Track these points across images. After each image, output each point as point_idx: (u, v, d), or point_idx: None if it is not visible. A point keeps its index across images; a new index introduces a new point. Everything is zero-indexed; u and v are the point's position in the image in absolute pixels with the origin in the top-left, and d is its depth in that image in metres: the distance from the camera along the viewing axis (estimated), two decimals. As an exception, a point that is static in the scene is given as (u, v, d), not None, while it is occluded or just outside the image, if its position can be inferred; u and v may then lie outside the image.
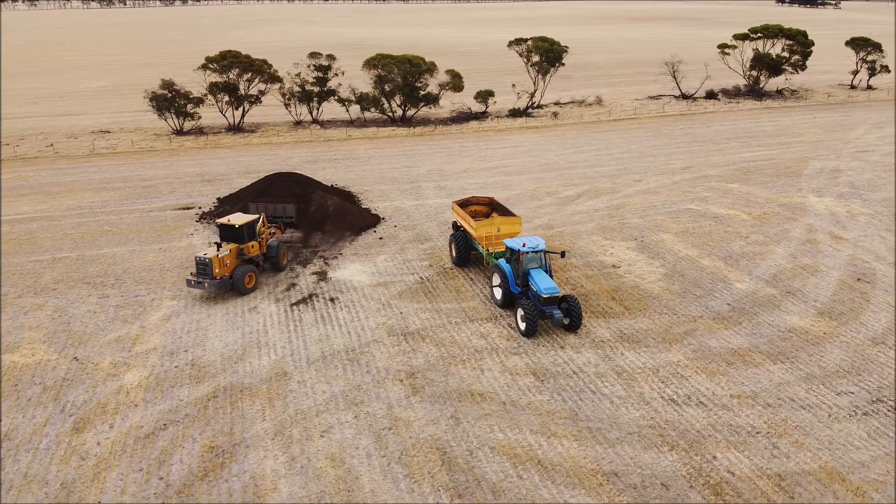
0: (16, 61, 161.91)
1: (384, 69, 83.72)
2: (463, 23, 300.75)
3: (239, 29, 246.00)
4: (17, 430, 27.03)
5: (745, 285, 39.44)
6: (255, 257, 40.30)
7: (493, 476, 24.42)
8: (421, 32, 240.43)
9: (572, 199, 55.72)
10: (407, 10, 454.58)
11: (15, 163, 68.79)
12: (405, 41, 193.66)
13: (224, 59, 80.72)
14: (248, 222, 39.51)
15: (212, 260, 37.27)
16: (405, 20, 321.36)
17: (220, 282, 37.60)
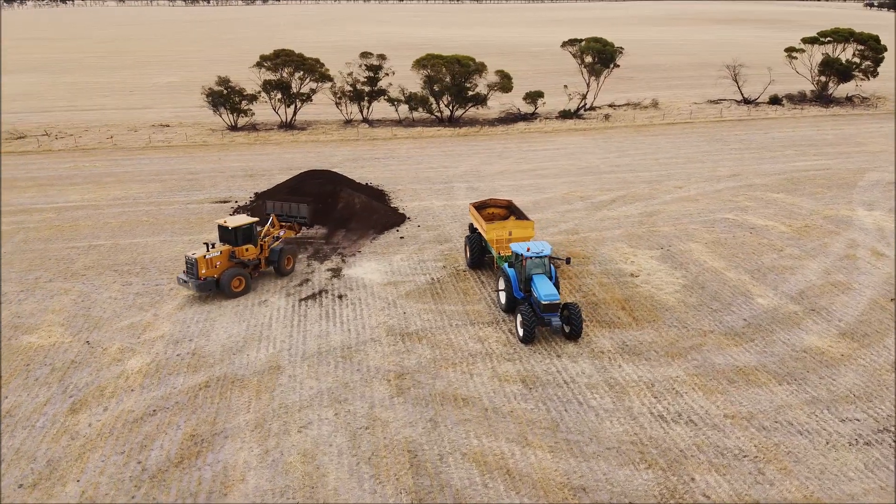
0: (99, 55, 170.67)
1: (433, 69, 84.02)
2: (537, 23, 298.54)
3: (309, 28, 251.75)
4: (20, 408, 28.52)
5: (768, 301, 37.61)
6: (250, 261, 39.45)
7: (457, 483, 24.15)
8: (490, 32, 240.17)
9: (605, 205, 54.46)
10: (483, 10, 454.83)
11: (75, 153, 72.59)
12: (470, 41, 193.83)
13: (277, 57, 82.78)
14: (242, 225, 38.93)
15: (198, 260, 37.42)
16: (478, 20, 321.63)
17: (204, 283, 37.40)
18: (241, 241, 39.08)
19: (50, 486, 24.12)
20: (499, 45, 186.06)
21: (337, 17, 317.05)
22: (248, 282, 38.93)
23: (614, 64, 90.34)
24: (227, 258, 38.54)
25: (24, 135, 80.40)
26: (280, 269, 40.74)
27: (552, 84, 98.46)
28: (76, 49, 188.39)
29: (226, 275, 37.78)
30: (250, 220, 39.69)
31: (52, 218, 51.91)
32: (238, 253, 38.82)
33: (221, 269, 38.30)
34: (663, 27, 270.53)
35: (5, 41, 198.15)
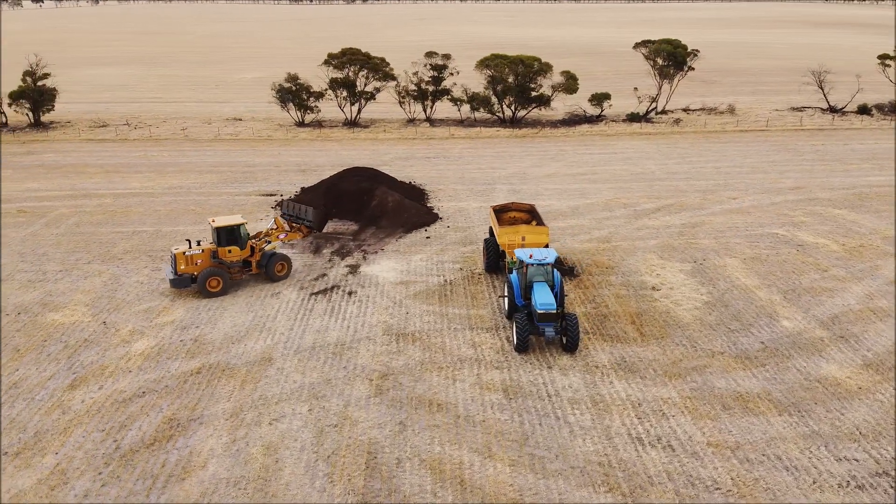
0: (196, 50, 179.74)
1: (495, 69, 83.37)
2: (632, 23, 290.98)
3: (399, 27, 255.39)
4: (25, 381, 30.42)
5: (793, 324, 35.06)
6: (233, 262, 38.96)
7: (407, 489, 23.87)
8: (579, 32, 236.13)
9: (647, 213, 52.37)
10: (581, 9, 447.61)
11: (147, 143, 76.74)
12: (556, 41, 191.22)
13: (343, 56, 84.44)
14: (226, 226, 38.53)
15: (176, 255, 37.76)
16: (572, 20, 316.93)
17: (179, 278, 37.72)
18: (223, 241, 38.61)
19: (30, 456, 25.60)
20: (584, 45, 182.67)
21: (432, 17, 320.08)
22: (227, 283, 38.43)
23: (688, 67, 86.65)
24: (209, 257, 38.44)
25: (106, 123, 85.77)
26: (270, 275, 39.94)
27: (628, 86, 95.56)
28: (176, 44, 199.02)
29: (202, 273, 37.82)
30: (236, 222, 38.93)
31: (108, 203, 55.10)
32: (220, 253, 38.59)
33: (202, 268, 38.29)
34: (763, 29, 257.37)
35: (109, 34, 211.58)
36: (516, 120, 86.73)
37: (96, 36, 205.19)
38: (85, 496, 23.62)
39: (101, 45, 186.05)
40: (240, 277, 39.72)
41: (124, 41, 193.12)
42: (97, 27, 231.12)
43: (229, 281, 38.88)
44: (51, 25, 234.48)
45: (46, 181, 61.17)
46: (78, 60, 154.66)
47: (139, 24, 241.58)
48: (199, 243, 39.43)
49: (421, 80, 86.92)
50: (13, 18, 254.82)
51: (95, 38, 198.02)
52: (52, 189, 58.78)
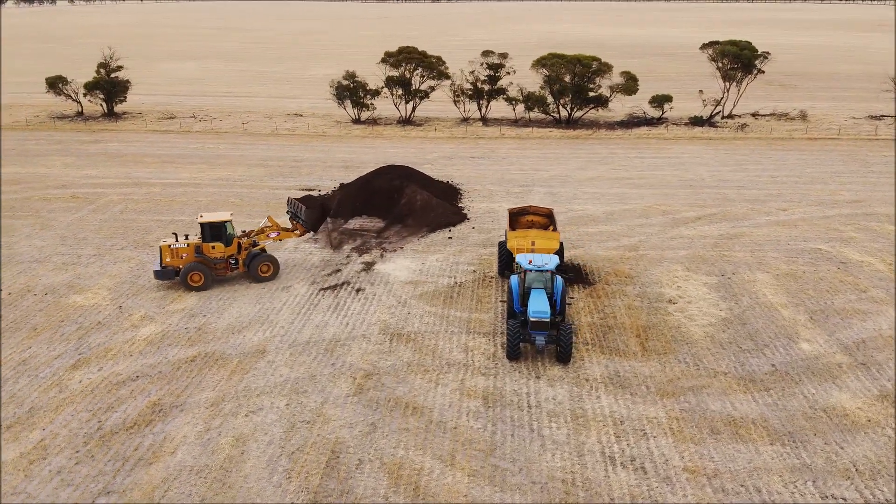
0: (276, 47, 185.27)
1: (551, 69, 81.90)
2: (718, 23, 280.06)
3: (480, 27, 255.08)
4: (34, 359, 32.06)
5: (813, 347, 32.73)
6: (217, 259, 39.20)
7: (361, 491, 23.70)
8: (660, 32, 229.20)
9: (685, 222, 50.15)
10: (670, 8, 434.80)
11: (207, 135, 79.59)
12: (635, 40, 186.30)
13: (400, 54, 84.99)
14: (211, 222, 38.88)
15: (161, 248, 38.73)
16: (657, 19, 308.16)
17: (162, 270, 38.71)
18: (208, 237, 38.95)
19: (19, 431, 26.95)
20: (661, 45, 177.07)
21: (515, 16, 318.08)
22: (209, 278, 38.83)
23: (757, 70, 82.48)
24: (194, 252, 39.04)
25: (174, 115, 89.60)
26: (253, 275, 39.89)
27: (696, 88, 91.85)
28: (257, 40, 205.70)
29: (185, 268, 38.52)
30: (222, 219, 39.23)
31: (155, 192, 57.50)
32: (204, 249, 39.02)
33: (186, 262, 38.89)
34: (861, 32, 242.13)
35: (195, 30, 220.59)
36: (572, 121, 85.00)
37: (183, 31, 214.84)
38: (58, 472, 24.68)
39: (186, 41, 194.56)
40: (225, 274, 39.96)
41: (208, 37, 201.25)
42: (186, 23, 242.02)
43: (211, 276, 39.11)
44: (143, 20, 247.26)
45: (105, 169, 64.45)
46: (162, 54, 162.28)
47: (225, 21, 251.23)
48: (187, 237, 39.87)
49: (477, 79, 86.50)
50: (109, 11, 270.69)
51: (182, 34, 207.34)
52: (108, 177, 61.88)
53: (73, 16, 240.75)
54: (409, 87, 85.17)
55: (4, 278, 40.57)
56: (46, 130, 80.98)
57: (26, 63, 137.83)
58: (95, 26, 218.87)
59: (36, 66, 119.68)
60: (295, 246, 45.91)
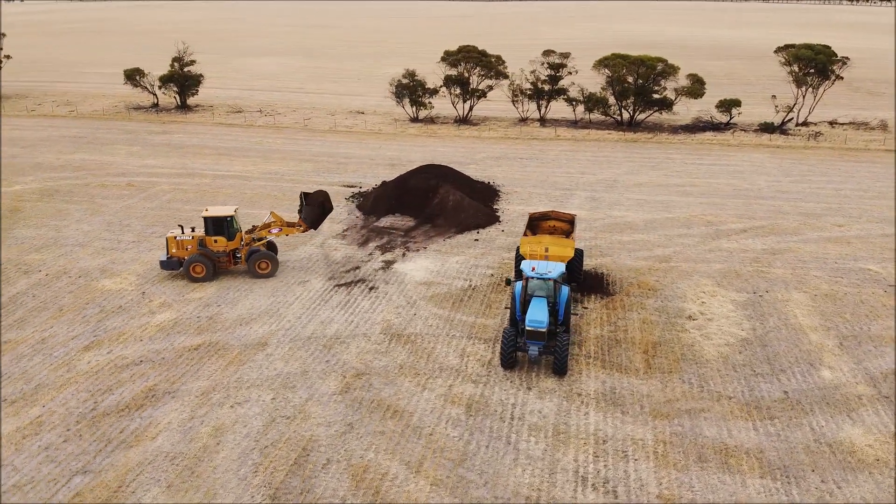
0: (354, 44, 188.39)
1: (613, 70, 79.62)
2: (801, 25, 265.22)
3: (556, 25, 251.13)
4: (53, 338, 33.74)
5: (835, 375, 30.35)
6: (219, 252, 39.96)
7: (321, 491, 23.67)
8: (750, 33, 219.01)
9: (729, 234, 47.63)
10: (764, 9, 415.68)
11: (268, 130, 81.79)
12: (715, 41, 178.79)
13: (459, 53, 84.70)
14: (214, 216, 39.70)
15: (168, 239, 39.93)
16: (748, 20, 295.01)
17: (167, 261, 39.87)
18: (210, 231, 39.76)
19: (22, 406, 28.44)
20: (746, 47, 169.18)
21: (599, 14, 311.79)
22: (210, 270, 39.64)
23: (835, 76, 77.44)
24: (197, 245, 39.83)
25: (241, 110, 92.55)
26: (252, 271, 40.42)
27: (774, 92, 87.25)
28: (337, 37, 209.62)
29: (187, 259, 39.49)
30: (225, 213, 40.01)
31: (205, 183, 59.55)
32: (206, 242, 39.86)
33: (190, 253, 39.82)
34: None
35: (280, 26, 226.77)
36: (635, 123, 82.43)
37: (270, 28, 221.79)
38: (46, 448, 25.88)
39: (270, 37, 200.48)
40: (228, 267, 40.80)
41: (294, 34, 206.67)
42: (275, 20, 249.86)
43: (213, 269, 39.93)
44: (234, 16, 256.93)
45: (164, 159, 67.31)
46: (246, 50, 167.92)
47: (311, 18, 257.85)
48: (193, 230, 40.94)
49: (537, 79, 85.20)
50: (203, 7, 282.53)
51: (269, 31, 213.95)
52: (166, 167, 64.58)
53: (166, 11, 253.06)
54: (467, 87, 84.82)
55: (48, 260, 42.99)
56: (120, 120, 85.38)
57: (114, 55, 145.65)
58: (186, 21, 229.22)
59: (122, 57, 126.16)
60: (322, 241, 46.55)
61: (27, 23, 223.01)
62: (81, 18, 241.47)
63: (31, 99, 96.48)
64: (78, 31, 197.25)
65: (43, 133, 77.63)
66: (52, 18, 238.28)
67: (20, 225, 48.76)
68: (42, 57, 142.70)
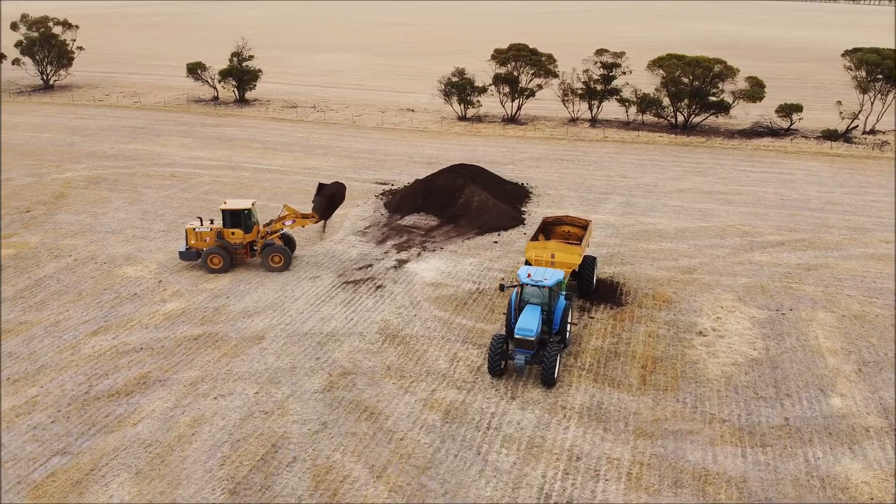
0: (420, 42, 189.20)
1: (666, 70, 76.91)
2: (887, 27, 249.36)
3: (629, 23, 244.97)
4: (65, 322, 35.16)
5: (845, 403, 28.29)
6: (237, 245, 40.74)
7: (280, 489, 23.73)
8: (831, 34, 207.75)
9: (763, 246, 45.21)
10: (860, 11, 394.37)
11: (317, 126, 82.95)
12: (792, 43, 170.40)
13: (509, 51, 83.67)
14: (231, 209, 40.41)
15: (187, 231, 40.73)
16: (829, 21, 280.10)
17: (186, 251, 40.77)
18: (228, 223, 40.58)
19: (22, 385, 29.74)
20: (824, 49, 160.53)
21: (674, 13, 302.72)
22: (227, 262, 40.52)
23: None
24: (215, 237, 40.66)
25: (296, 105, 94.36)
26: (265, 265, 41.09)
27: (843, 97, 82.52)
28: (405, 35, 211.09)
29: (205, 251, 40.30)
30: (243, 207, 40.64)
31: (245, 177, 60.93)
32: (224, 234, 40.59)
33: (208, 245, 40.64)
34: None
35: (351, 23, 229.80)
36: (690, 126, 79.46)
37: (340, 24, 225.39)
38: (34, 428, 26.97)
39: (339, 33, 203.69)
40: (245, 259, 41.63)
41: (361, 30, 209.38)
42: (346, 15, 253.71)
43: (230, 261, 40.77)
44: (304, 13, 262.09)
45: (211, 151, 69.28)
46: (311, 46, 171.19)
47: (384, 15, 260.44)
48: (212, 222, 41.77)
49: (590, 79, 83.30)
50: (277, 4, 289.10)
51: (338, 26, 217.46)
52: (211, 159, 66.45)
53: (247, 8, 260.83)
54: (516, 85, 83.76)
55: (80, 245, 44.87)
56: (179, 112, 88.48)
57: (188, 49, 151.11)
58: (264, 17, 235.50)
59: (195, 51, 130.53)
60: (342, 238, 46.85)
61: (115, 16, 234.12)
62: (167, 13, 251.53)
63: (101, 89, 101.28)
64: (160, 25, 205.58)
65: (105, 122, 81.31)
66: (139, 12, 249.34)
67: (63, 211, 51.20)
68: (120, 49, 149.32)
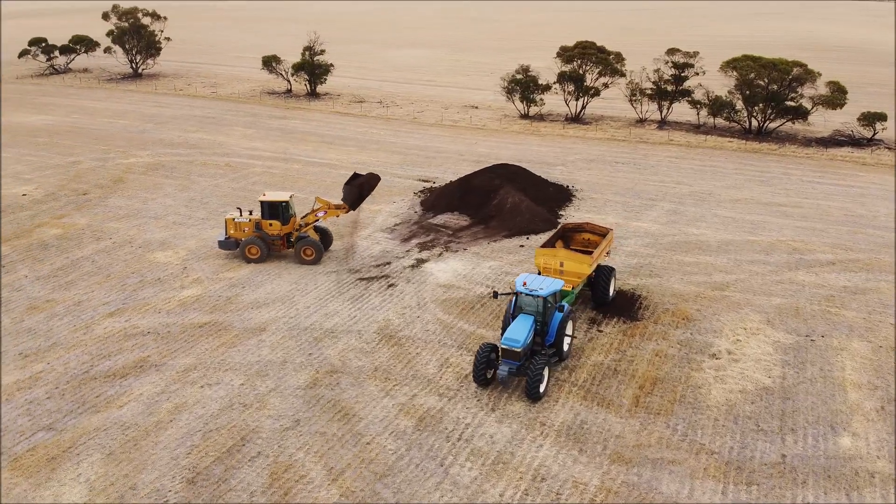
0: (503, 38, 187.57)
1: (740, 72, 72.70)
2: None
3: (726, 21, 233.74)
4: (87, 302, 36.80)
5: (855, 444, 25.71)
6: (274, 236, 41.53)
7: (236, 483, 23.89)
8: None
9: (811, 265, 41.92)
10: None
11: (378, 121, 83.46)
12: None
13: (575, 48, 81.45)
14: (270, 201, 41.23)
15: (226, 221, 41.66)
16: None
17: (226, 241, 41.72)
18: (266, 215, 41.28)
19: (33, 360, 31.34)
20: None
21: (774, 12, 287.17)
22: (264, 251, 41.26)
23: None
24: (253, 227, 41.50)
25: (363, 100, 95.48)
26: (297, 257, 41.64)
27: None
28: (490, 31, 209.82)
29: (243, 241, 41.24)
30: (281, 199, 41.25)
31: (294, 169, 62.11)
32: (262, 225, 41.36)
33: (247, 235, 41.52)
34: None
35: (439, 18, 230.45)
36: (765, 132, 74.94)
37: (428, 19, 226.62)
38: (30, 402, 28.36)
39: (425, 29, 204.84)
40: (281, 250, 42.31)
41: (447, 26, 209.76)
42: (437, 11, 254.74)
43: (267, 251, 41.55)
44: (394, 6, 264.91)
45: (271, 143, 71.08)
46: (394, 41, 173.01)
47: (472, 11, 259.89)
48: (251, 213, 42.68)
49: (660, 79, 79.98)
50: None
51: (425, 21, 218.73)
52: (268, 150, 68.16)
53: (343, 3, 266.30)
54: (581, 84, 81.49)
55: (122, 229, 46.97)
56: (250, 104, 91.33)
57: (275, 41, 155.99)
58: (355, 13, 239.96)
59: (281, 44, 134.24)
60: (370, 233, 46.92)
61: (205, 8, 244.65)
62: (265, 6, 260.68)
63: (185, 79, 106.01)
64: (257, 17, 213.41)
65: (179, 111, 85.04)
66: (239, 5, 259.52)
67: (116, 195, 53.82)
68: (211, 40, 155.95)
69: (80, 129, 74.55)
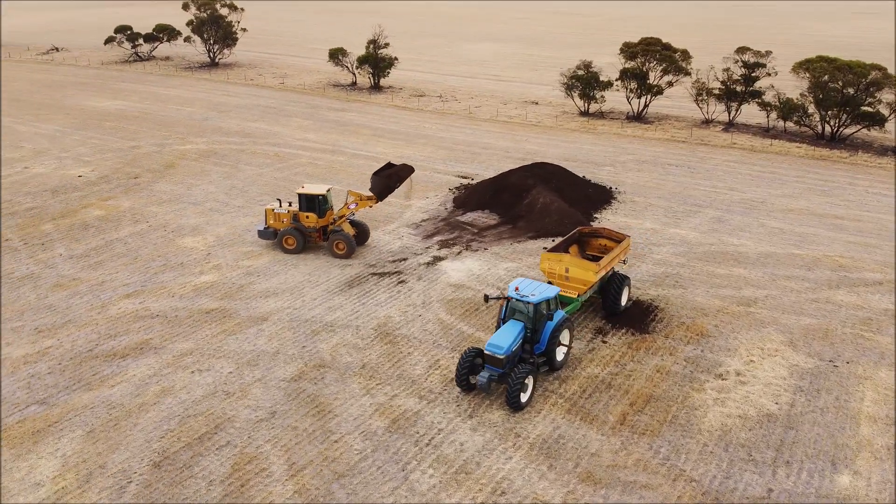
0: (582, 33, 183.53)
1: (813, 74, 68.11)
2: None
3: (831, 21, 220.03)
4: (109, 282, 38.29)
5: (854, 483, 23.49)
6: (310, 228, 42.11)
7: (198, 471, 24.24)
8: None
9: (855, 284, 38.78)
10: None
11: (433, 115, 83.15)
12: None
13: (639, 45, 78.51)
14: (308, 194, 41.83)
15: (266, 211, 42.43)
16: None
17: (265, 230, 42.44)
18: (303, 207, 41.83)
19: (47, 335, 32.87)
20: None
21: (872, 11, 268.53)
22: (301, 243, 41.71)
23: None
24: (291, 219, 42.17)
25: (423, 94, 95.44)
26: (330, 251, 42.01)
27: None
28: (572, 25, 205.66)
29: (281, 231, 41.91)
30: (318, 192, 41.82)
31: (339, 161, 62.65)
32: (299, 217, 41.98)
33: (285, 226, 42.29)
34: None
35: (519, 11, 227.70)
36: (838, 138, 70.07)
37: (510, 14, 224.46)
38: (31, 377, 29.75)
39: (504, 23, 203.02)
40: (317, 242, 42.87)
41: (526, 20, 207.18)
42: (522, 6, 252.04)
43: (304, 243, 42.13)
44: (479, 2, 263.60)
45: (323, 134, 72.06)
46: (471, 35, 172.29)
47: (554, 5, 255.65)
48: (290, 204, 43.40)
49: (729, 78, 76.07)
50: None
51: (504, 15, 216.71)
52: (318, 142, 69.13)
53: None
54: (644, 82, 78.54)
55: (160, 213, 48.67)
56: (313, 96, 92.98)
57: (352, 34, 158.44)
58: (431, 6, 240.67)
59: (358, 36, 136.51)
60: (395, 228, 46.77)
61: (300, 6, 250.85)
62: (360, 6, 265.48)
63: (257, 69, 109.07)
64: (338, 10, 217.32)
65: (244, 101, 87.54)
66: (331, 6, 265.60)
67: (164, 180, 55.90)
68: (293, 32, 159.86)
69: (147, 115, 77.94)
